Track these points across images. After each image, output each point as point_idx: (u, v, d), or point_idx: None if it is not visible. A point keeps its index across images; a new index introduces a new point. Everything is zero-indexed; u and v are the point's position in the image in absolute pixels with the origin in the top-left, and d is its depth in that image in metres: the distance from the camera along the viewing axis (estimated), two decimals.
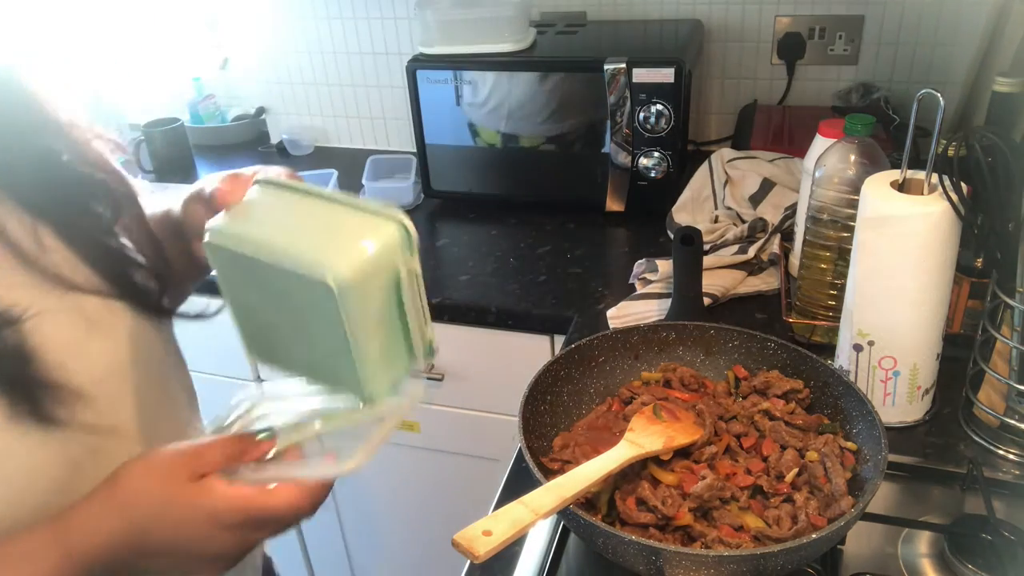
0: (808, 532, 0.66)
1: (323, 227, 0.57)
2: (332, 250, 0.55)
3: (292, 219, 0.59)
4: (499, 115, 1.44)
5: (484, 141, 1.49)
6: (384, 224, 0.57)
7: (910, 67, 1.54)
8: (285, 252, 0.55)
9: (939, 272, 0.83)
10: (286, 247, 0.56)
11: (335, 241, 0.56)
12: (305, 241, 0.56)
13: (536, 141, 1.45)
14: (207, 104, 2.01)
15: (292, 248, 0.55)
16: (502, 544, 0.57)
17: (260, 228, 0.59)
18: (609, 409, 0.85)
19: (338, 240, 0.56)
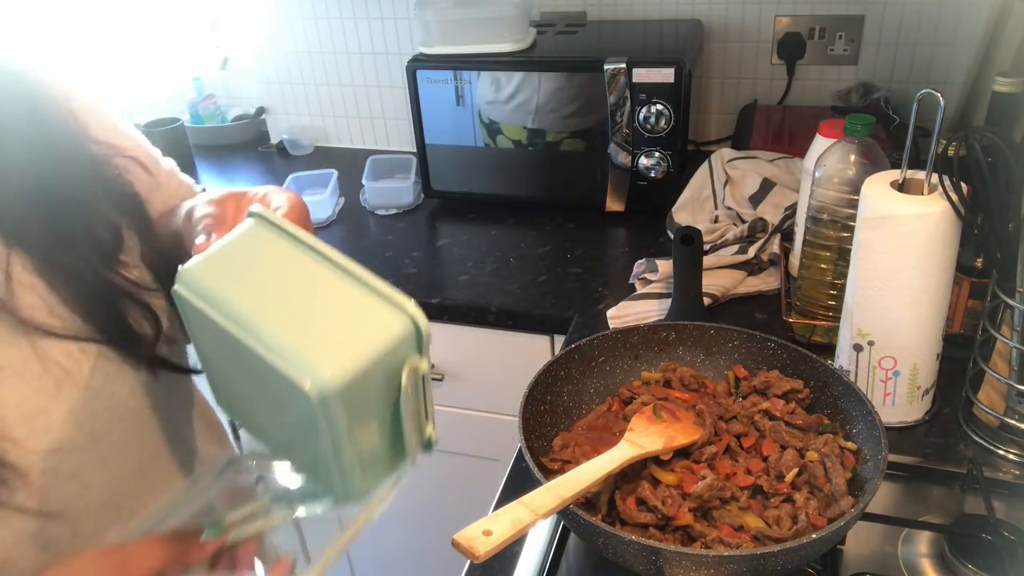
0: (808, 532, 0.66)
1: (313, 307, 0.47)
2: (319, 346, 0.45)
3: (278, 284, 0.49)
4: (526, 111, 1.43)
5: (508, 138, 1.47)
6: (391, 316, 0.47)
7: (910, 67, 1.54)
8: (260, 336, 0.46)
9: (939, 272, 0.83)
10: (263, 329, 0.46)
11: (325, 332, 0.46)
12: (287, 325, 0.46)
13: (561, 136, 1.44)
14: (207, 104, 2.01)
15: (270, 332, 0.45)
16: (502, 544, 0.57)
17: (237, 289, 0.49)
18: (609, 409, 0.85)
19: (329, 331, 0.46)
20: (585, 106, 1.40)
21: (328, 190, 1.58)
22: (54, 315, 0.56)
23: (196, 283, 0.50)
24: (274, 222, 0.52)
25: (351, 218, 1.60)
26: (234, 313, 0.47)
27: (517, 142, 1.47)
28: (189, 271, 0.51)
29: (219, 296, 0.48)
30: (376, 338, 0.46)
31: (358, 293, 0.48)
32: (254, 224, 0.53)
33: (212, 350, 0.54)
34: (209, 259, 0.51)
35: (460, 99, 1.46)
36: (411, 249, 1.45)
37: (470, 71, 1.43)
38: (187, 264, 0.51)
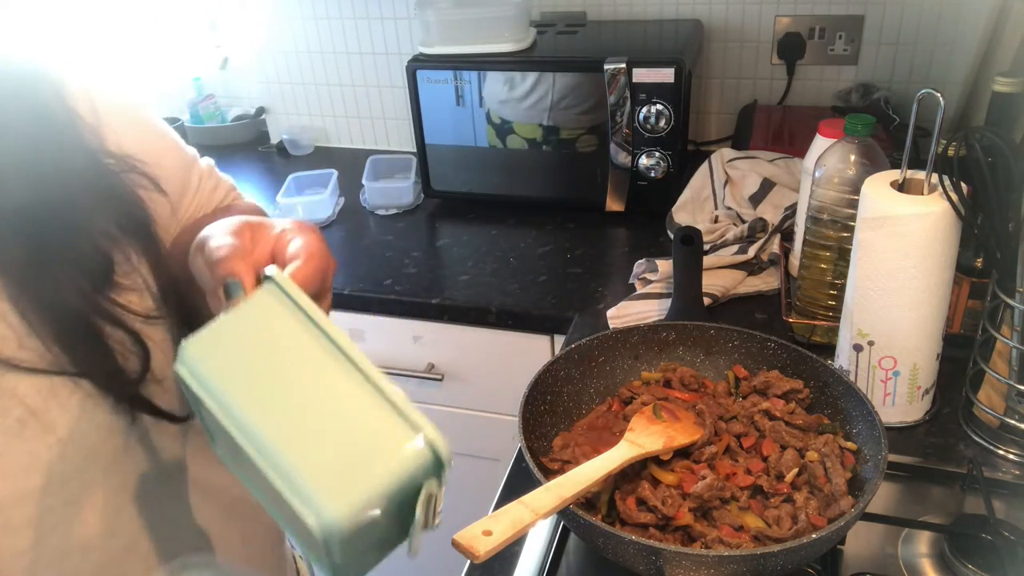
0: (808, 532, 0.66)
1: (324, 419, 0.44)
2: (327, 475, 0.42)
3: (287, 382, 0.45)
4: (540, 108, 1.43)
5: (521, 137, 1.47)
6: (408, 440, 0.43)
7: (910, 67, 1.54)
8: (264, 450, 0.43)
9: (939, 272, 0.83)
10: (268, 442, 0.43)
11: (335, 456, 0.43)
12: (294, 440, 0.43)
13: (577, 133, 1.44)
14: (207, 104, 2.01)
15: (275, 447, 0.43)
16: (502, 544, 0.57)
17: (243, 383, 0.45)
18: (609, 409, 0.85)
19: (339, 455, 0.43)
20: (598, 103, 1.39)
21: (328, 190, 1.58)
22: (24, 346, 0.51)
23: (199, 366, 0.46)
24: (289, 294, 0.48)
25: (351, 218, 1.60)
26: (238, 416, 0.44)
27: (531, 140, 1.46)
28: (192, 349, 0.47)
29: (224, 394, 0.45)
30: (391, 469, 0.43)
31: (373, 404, 0.44)
32: (267, 294, 0.48)
33: (213, 426, 0.49)
34: (214, 335, 0.47)
35: (460, 99, 1.46)
36: (411, 249, 1.45)
37: (470, 71, 1.43)
38: (190, 340, 0.47)
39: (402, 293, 1.31)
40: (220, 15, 1.96)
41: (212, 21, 1.97)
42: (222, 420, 0.44)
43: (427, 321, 1.31)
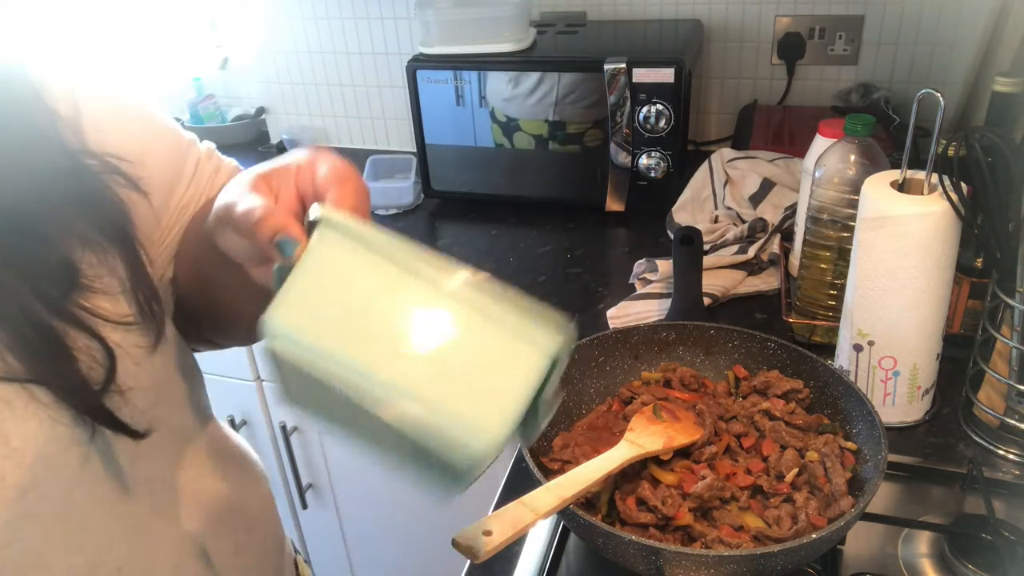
0: (808, 532, 0.66)
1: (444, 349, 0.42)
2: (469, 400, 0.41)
3: (392, 324, 0.42)
4: (546, 103, 1.43)
5: (527, 134, 1.46)
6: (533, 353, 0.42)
7: (910, 67, 1.54)
8: (398, 396, 0.41)
9: (939, 272, 0.83)
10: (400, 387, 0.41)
11: (470, 382, 0.41)
12: (425, 377, 0.41)
13: (584, 127, 1.43)
14: (207, 104, 2.01)
15: (409, 391, 0.41)
16: (502, 544, 0.57)
17: (347, 337, 0.42)
18: (609, 409, 0.85)
19: (474, 381, 0.41)
20: (603, 97, 1.39)
21: None
22: None
23: (291, 334, 0.43)
24: (347, 228, 0.44)
25: None
26: (354, 368, 0.41)
27: (538, 137, 1.46)
28: (275, 321, 0.43)
29: (325, 347, 0.42)
30: (526, 379, 0.42)
31: (481, 315, 0.43)
32: (325, 237, 0.44)
33: (314, 394, 0.46)
34: (292, 299, 0.43)
35: (460, 99, 1.46)
36: None
37: (470, 71, 1.43)
38: (269, 313, 0.43)
39: None
40: (220, 15, 1.96)
41: (212, 21, 1.97)
42: (336, 378, 0.41)
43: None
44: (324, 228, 0.44)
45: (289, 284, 0.44)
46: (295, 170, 0.50)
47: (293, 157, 0.51)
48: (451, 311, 0.43)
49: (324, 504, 1.69)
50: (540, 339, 0.43)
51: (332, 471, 1.63)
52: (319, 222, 0.44)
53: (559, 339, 0.43)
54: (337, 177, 0.48)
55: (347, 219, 0.45)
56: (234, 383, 1.55)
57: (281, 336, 0.43)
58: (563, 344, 0.44)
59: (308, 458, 1.62)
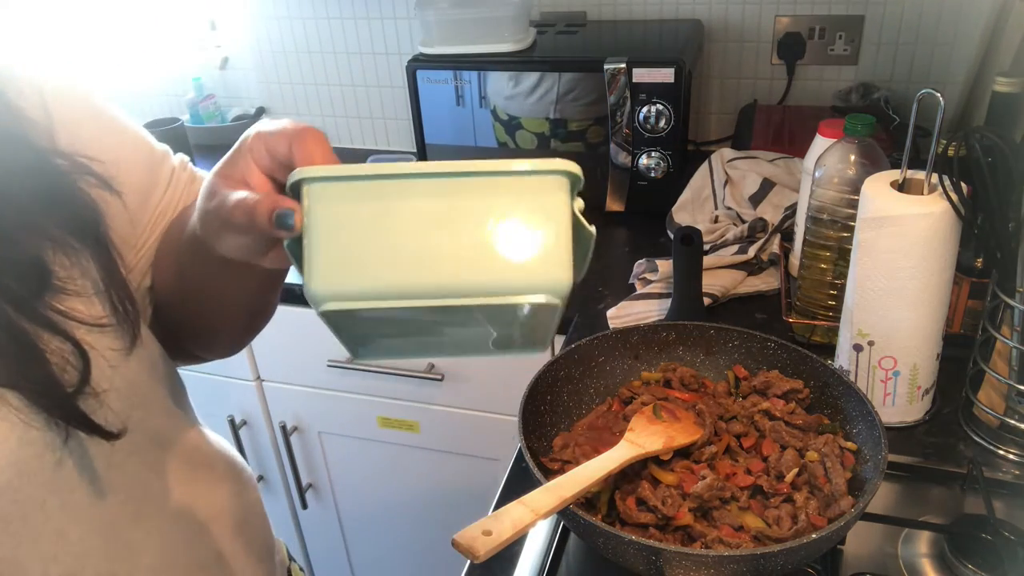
0: (808, 532, 0.66)
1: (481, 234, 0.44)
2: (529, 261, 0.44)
3: (426, 238, 0.44)
4: (547, 101, 1.43)
5: (529, 132, 1.46)
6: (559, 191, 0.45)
7: (910, 67, 1.54)
8: (467, 292, 0.44)
9: (939, 272, 0.83)
10: (465, 284, 0.44)
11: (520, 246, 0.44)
12: (482, 265, 0.44)
13: (586, 124, 1.43)
14: (207, 104, 2.01)
15: (475, 283, 0.44)
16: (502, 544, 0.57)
17: (393, 269, 0.44)
18: (609, 409, 0.85)
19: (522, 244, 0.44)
20: (604, 94, 1.39)
21: None
22: None
23: (339, 289, 0.44)
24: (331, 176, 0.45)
25: None
26: (416, 289, 0.44)
27: (540, 135, 1.46)
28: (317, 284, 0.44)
29: (377, 286, 0.44)
30: (562, 217, 0.45)
31: (497, 188, 0.44)
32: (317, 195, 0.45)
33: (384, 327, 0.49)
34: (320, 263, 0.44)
35: (460, 99, 1.46)
36: None
37: (470, 71, 1.43)
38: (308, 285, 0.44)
39: None
40: (220, 15, 1.96)
41: (212, 21, 1.97)
42: (400, 308, 0.44)
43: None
44: (309, 186, 0.45)
45: (308, 251, 0.45)
46: (248, 153, 0.50)
47: (241, 142, 0.51)
48: (459, 191, 0.44)
49: (324, 504, 1.69)
50: (550, 166, 0.45)
51: (332, 471, 1.63)
52: (301, 183, 0.45)
53: (565, 163, 0.45)
54: (293, 137, 0.49)
55: (324, 169, 0.46)
56: (234, 383, 1.56)
57: (328, 299, 0.44)
58: (571, 165, 0.46)
59: (308, 458, 1.62)
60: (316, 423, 1.56)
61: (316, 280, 0.44)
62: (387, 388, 1.44)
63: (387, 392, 1.45)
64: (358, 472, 1.61)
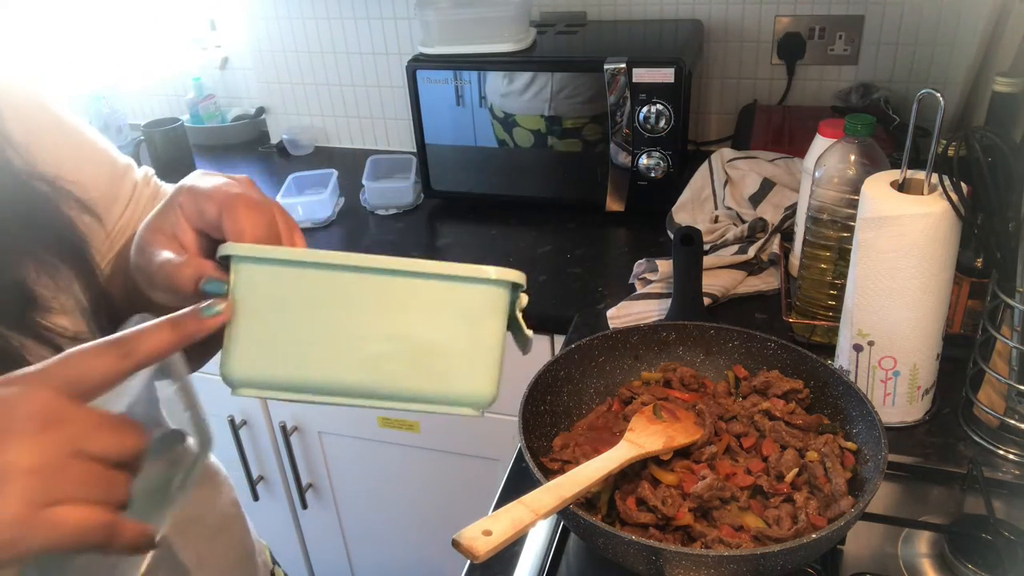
0: (808, 532, 0.66)
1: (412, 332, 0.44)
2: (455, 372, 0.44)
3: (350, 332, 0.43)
4: (541, 99, 1.43)
5: (525, 129, 1.46)
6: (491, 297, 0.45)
7: (910, 67, 1.54)
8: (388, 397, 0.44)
9: (939, 272, 0.83)
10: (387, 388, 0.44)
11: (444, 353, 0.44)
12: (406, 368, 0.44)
13: (582, 122, 1.43)
14: (207, 104, 2.01)
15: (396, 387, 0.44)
16: (502, 544, 0.57)
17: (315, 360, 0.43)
18: (609, 409, 0.85)
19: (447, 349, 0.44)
20: (599, 92, 1.39)
21: (328, 190, 1.58)
22: None
23: (254, 375, 0.44)
24: (262, 257, 0.44)
25: (351, 218, 1.60)
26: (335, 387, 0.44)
27: (536, 132, 1.46)
28: (232, 366, 0.44)
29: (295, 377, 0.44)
30: (495, 324, 0.45)
31: (430, 289, 0.44)
32: (245, 271, 0.44)
33: None
34: (239, 346, 0.44)
35: (460, 99, 1.46)
36: (411, 249, 1.45)
37: (470, 71, 1.43)
38: (225, 363, 0.44)
39: None
40: (220, 15, 1.96)
41: (212, 21, 1.97)
42: (324, 401, 0.44)
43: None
44: (236, 264, 0.45)
45: (229, 331, 0.44)
46: (178, 208, 0.50)
47: (173, 195, 0.51)
48: (393, 291, 0.44)
49: (324, 504, 1.69)
50: (492, 275, 0.44)
51: (332, 471, 1.63)
52: (230, 259, 0.45)
53: (508, 272, 0.45)
54: (224, 204, 0.48)
55: (253, 249, 0.45)
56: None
57: (243, 385, 0.44)
58: (513, 274, 0.45)
59: (308, 458, 1.62)
60: (316, 423, 1.56)
61: (233, 365, 0.44)
62: None
63: None
64: (358, 472, 1.61)
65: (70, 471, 0.39)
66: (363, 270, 0.44)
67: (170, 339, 0.44)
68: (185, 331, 0.44)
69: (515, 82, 1.42)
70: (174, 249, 0.49)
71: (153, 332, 0.43)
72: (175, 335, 0.44)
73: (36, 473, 0.37)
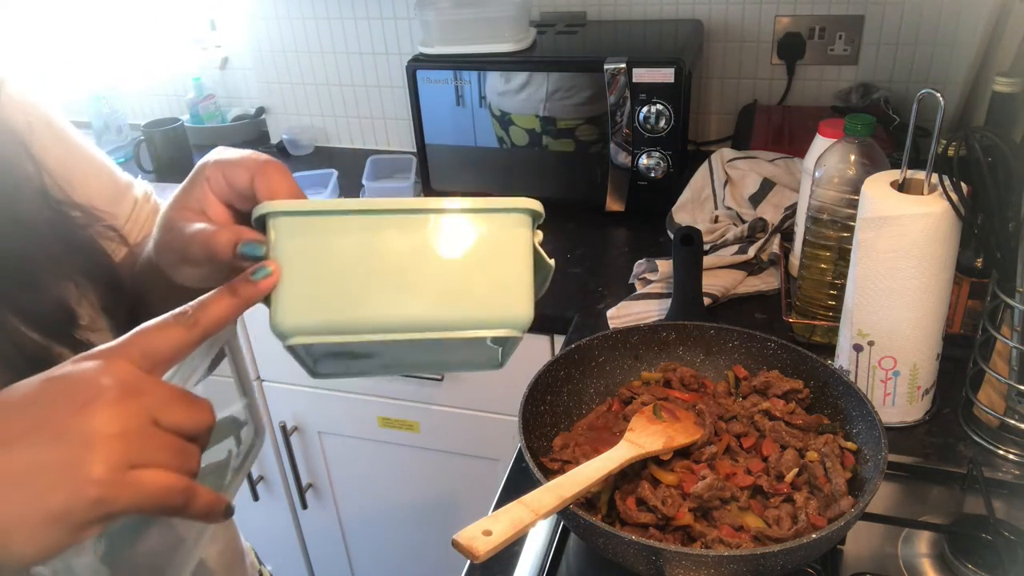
0: (808, 532, 0.66)
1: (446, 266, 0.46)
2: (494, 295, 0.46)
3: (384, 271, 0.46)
4: (536, 99, 1.43)
5: (521, 128, 1.46)
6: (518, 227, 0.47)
7: (910, 67, 1.54)
8: (435, 326, 0.46)
9: (939, 272, 0.83)
10: (432, 319, 0.46)
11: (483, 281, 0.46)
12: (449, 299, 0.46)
13: (576, 122, 1.43)
14: (207, 104, 2.01)
15: (442, 318, 0.46)
16: (502, 544, 0.57)
17: (355, 306, 0.46)
18: (609, 409, 0.85)
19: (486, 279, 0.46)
20: (594, 93, 1.39)
21: (328, 190, 1.58)
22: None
23: (303, 327, 0.46)
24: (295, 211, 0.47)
25: None
26: (382, 323, 0.46)
27: (531, 131, 1.46)
28: (281, 318, 0.46)
29: (345, 320, 0.46)
30: (524, 253, 0.47)
31: (460, 225, 0.46)
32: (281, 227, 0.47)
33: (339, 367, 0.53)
34: (286, 297, 0.46)
35: (460, 99, 1.46)
36: None
37: (470, 71, 1.43)
38: (275, 316, 0.46)
39: None
40: (220, 15, 1.96)
41: (212, 21, 1.97)
42: (372, 339, 0.46)
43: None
44: (275, 220, 0.47)
45: (283, 289, 0.46)
46: (204, 183, 0.51)
47: (198, 170, 0.52)
48: (424, 228, 0.47)
49: (324, 504, 1.69)
50: (513, 204, 0.47)
51: (332, 471, 1.63)
52: (267, 216, 0.47)
53: (526, 201, 0.48)
54: (256, 169, 0.50)
55: (291, 204, 0.47)
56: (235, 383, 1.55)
57: (293, 334, 0.46)
58: (533, 203, 0.48)
59: (308, 458, 1.62)
60: (316, 423, 1.56)
61: (282, 315, 0.46)
62: (387, 388, 1.44)
63: (387, 392, 1.44)
64: (358, 472, 1.61)
65: (150, 438, 0.41)
66: (395, 212, 0.46)
67: (230, 305, 0.46)
68: (243, 296, 0.46)
69: (512, 81, 1.42)
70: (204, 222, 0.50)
71: (214, 301, 0.46)
72: (235, 301, 0.46)
73: (120, 438, 0.39)
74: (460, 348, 0.51)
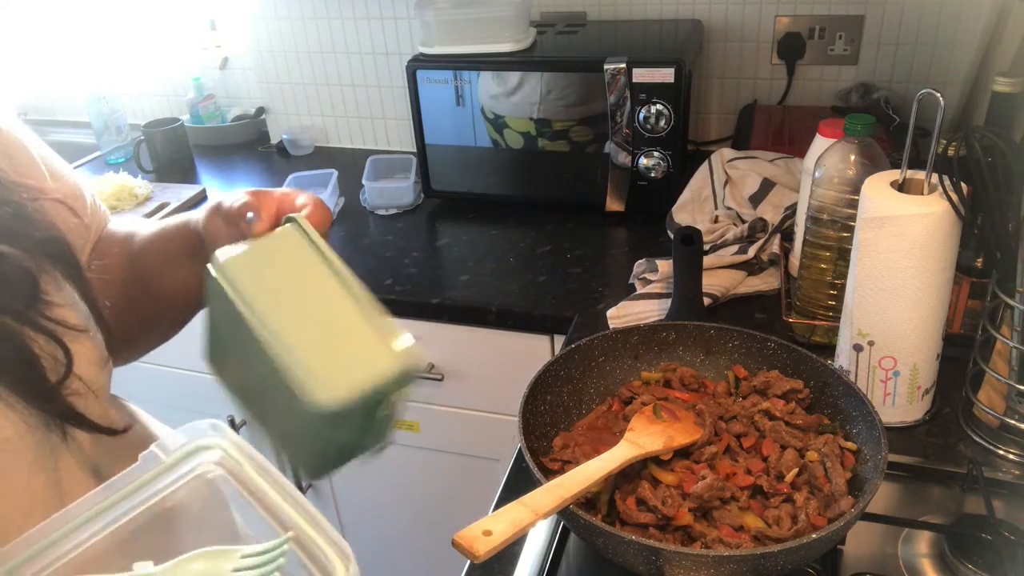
0: (808, 532, 0.66)
1: (329, 332, 0.56)
2: (330, 367, 0.54)
3: (301, 301, 0.57)
4: (529, 102, 1.43)
5: (515, 131, 1.46)
6: (385, 358, 0.56)
7: (910, 67, 1.54)
8: (282, 342, 0.54)
9: (939, 272, 0.83)
10: (286, 337, 0.54)
11: (336, 357, 0.55)
12: (307, 340, 0.55)
13: (570, 124, 1.43)
14: (207, 104, 2.01)
15: (292, 342, 0.54)
16: (502, 544, 0.57)
17: (266, 293, 0.57)
18: (609, 409, 0.85)
19: (339, 358, 0.55)
20: (588, 94, 1.39)
21: (328, 190, 1.58)
22: None
23: (233, 272, 0.57)
24: (308, 233, 0.60)
25: (351, 218, 1.60)
26: (260, 313, 0.55)
27: (525, 134, 1.46)
28: (229, 259, 0.58)
29: (248, 291, 0.56)
30: (374, 375, 0.55)
31: (365, 326, 0.57)
32: (288, 231, 0.61)
33: (223, 327, 0.61)
34: (250, 252, 0.59)
35: (460, 99, 1.46)
36: (411, 249, 1.45)
37: (470, 71, 1.43)
38: (222, 251, 0.58)
39: (402, 293, 1.31)
40: (220, 15, 1.96)
41: (212, 21, 1.97)
42: (246, 314, 0.55)
43: (427, 321, 1.31)
44: (289, 224, 0.62)
45: (248, 245, 0.60)
46: (279, 194, 0.66)
47: (283, 188, 0.66)
48: (346, 309, 0.57)
49: (324, 504, 1.69)
50: (396, 348, 0.57)
51: None
52: (287, 221, 0.62)
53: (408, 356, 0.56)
54: (313, 202, 0.65)
55: (308, 226, 0.61)
56: None
57: (222, 264, 0.58)
58: (411, 361, 0.57)
59: None
60: None
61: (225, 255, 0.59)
62: None
63: None
64: (358, 471, 1.60)
65: None
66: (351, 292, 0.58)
67: None
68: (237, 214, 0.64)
69: (504, 84, 1.42)
70: None
71: None
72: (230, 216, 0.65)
73: None
74: None
